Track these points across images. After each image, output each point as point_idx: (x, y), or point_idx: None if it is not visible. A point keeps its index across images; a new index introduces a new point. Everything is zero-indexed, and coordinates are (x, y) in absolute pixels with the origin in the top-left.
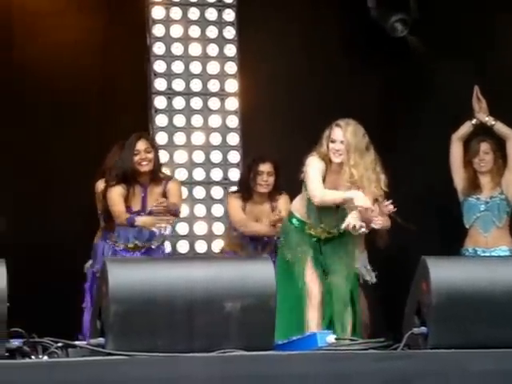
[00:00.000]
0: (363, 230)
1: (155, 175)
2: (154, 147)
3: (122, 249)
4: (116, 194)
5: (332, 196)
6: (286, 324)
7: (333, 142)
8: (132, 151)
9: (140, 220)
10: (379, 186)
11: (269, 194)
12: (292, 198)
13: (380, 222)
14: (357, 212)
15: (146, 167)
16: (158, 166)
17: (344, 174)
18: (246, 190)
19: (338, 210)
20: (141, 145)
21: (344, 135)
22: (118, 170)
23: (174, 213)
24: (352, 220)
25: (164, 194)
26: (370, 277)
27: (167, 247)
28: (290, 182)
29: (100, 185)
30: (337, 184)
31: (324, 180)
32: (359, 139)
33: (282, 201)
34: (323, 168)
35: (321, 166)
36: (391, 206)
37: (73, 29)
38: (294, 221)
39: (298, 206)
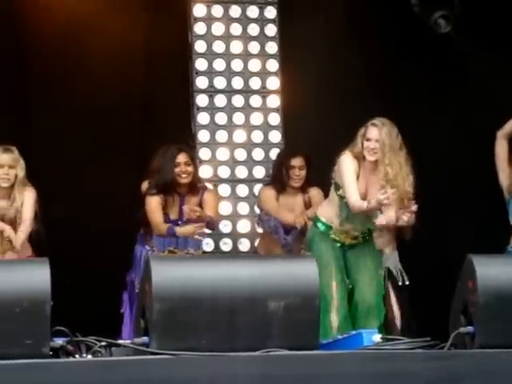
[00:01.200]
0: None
1: (193, 186)
2: (194, 160)
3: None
4: (155, 202)
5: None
6: None
7: (368, 140)
8: (173, 163)
9: (180, 231)
10: (411, 184)
11: (301, 186)
12: (327, 194)
13: (406, 219)
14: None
15: (185, 179)
16: (196, 178)
17: (379, 173)
18: (280, 184)
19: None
20: (181, 158)
21: (379, 134)
22: (159, 180)
23: (211, 226)
24: (384, 217)
25: (200, 204)
26: (402, 278)
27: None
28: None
29: (145, 185)
30: (371, 182)
31: (357, 178)
32: (394, 139)
33: (315, 193)
34: (356, 167)
35: (354, 166)
36: (415, 206)
37: (116, 27)
38: (320, 225)
39: (324, 210)
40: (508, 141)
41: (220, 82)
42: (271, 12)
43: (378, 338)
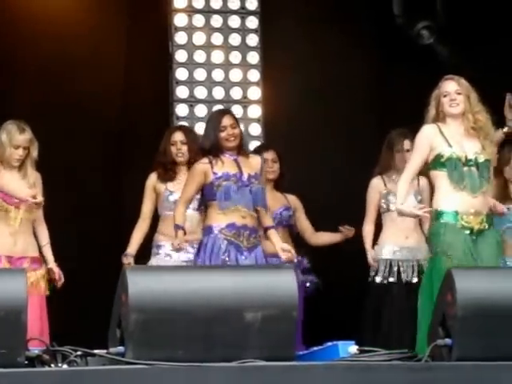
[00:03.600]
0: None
1: (241, 149)
2: (238, 122)
3: None
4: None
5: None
6: None
7: (446, 95)
8: (218, 127)
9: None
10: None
11: (275, 182)
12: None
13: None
14: None
15: (233, 142)
16: (243, 140)
17: (467, 122)
18: None
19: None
20: (227, 120)
21: (459, 85)
22: (205, 145)
23: None
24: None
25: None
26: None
27: None
28: (314, 188)
29: (152, 177)
30: (458, 134)
31: (445, 139)
32: (474, 91)
33: (293, 198)
34: (433, 136)
35: (427, 140)
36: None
37: (95, 36)
38: (444, 216)
39: (438, 199)
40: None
41: (201, 92)
42: (253, 22)
43: (354, 349)
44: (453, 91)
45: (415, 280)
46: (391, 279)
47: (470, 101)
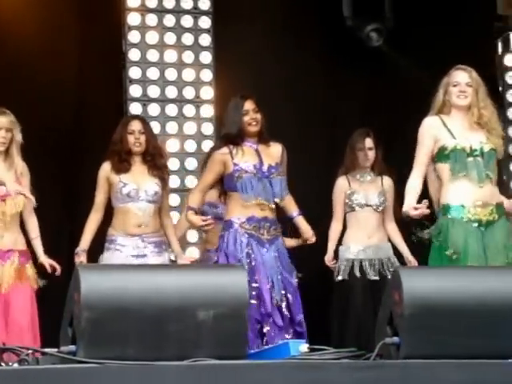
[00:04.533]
0: None
1: (263, 136)
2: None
3: None
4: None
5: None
6: None
7: (456, 85)
8: (240, 111)
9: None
10: (501, 134)
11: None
12: None
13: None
14: None
15: (255, 128)
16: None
17: (472, 117)
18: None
19: (483, 160)
20: (249, 105)
21: (470, 77)
22: (227, 130)
23: None
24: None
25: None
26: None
27: None
28: None
29: (105, 167)
30: (461, 126)
31: (439, 140)
32: (483, 84)
33: None
34: (437, 126)
35: (432, 131)
36: None
37: (47, 35)
38: (451, 211)
39: (444, 192)
40: None
41: (154, 91)
42: (205, 22)
43: (304, 348)
44: (463, 82)
45: (378, 278)
46: (355, 278)
47: (478, 95)
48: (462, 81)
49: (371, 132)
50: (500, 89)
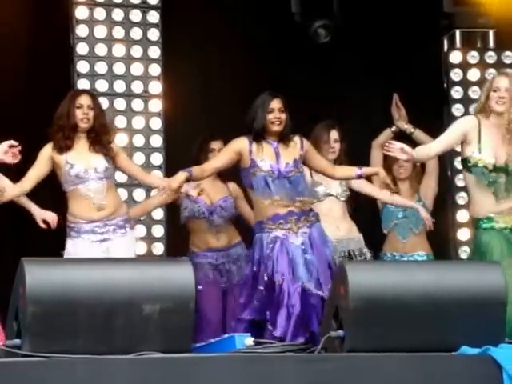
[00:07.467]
0: None
1: (284, 136)
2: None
3: None
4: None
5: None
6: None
7: (496, 90)
8: (266, 109)
9: None
10: None
11: (221, 178)
12: None
13: None
14: None
15: (278, 127)
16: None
17: (504, 122)
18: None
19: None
20: (276, 103)
21: (510, 82)
22: (250, 125)
23: None
24: None
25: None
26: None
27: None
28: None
29: (49, 147)
30: (495, 135)
31: (466, 140)
32: None
33: (235, 186)
34: (471, 126)
35: (465, 127)
36: None
37: None
38: (482, 224)
39: (472, 206)
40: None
41: (102, 85)
42: (154, 16)
43: (250, 341)
44: (503, 88)
45: None
46: None
47: None
48: (502, 86)
49: (335, 124)
50: (445, 86)
